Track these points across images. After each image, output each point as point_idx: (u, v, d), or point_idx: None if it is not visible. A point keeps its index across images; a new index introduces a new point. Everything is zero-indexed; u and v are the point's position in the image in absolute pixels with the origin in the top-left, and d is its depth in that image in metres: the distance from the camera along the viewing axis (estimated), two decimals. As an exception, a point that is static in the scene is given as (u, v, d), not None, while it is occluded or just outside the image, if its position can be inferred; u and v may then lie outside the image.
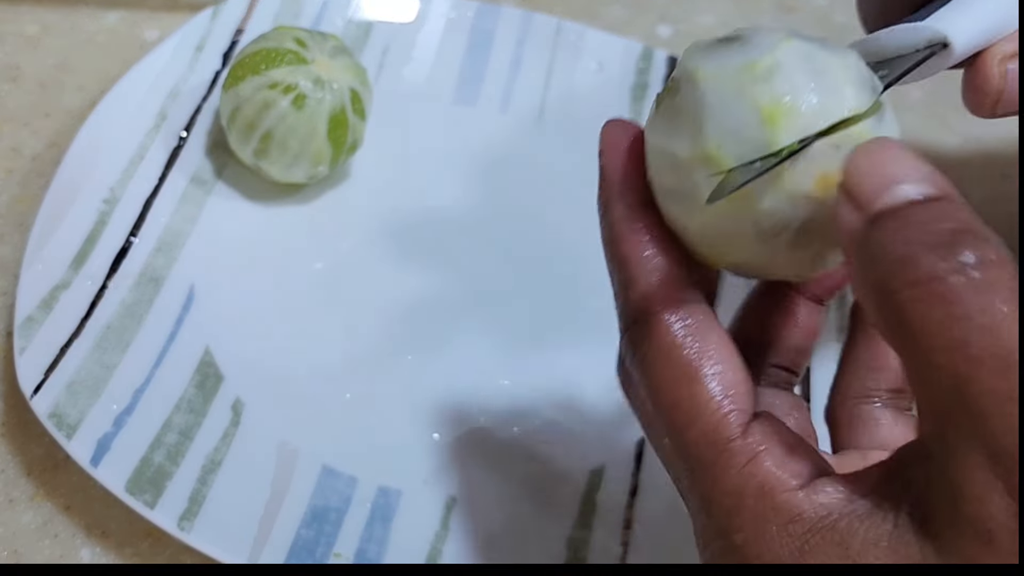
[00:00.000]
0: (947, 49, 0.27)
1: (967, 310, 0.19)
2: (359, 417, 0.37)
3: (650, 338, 0.23)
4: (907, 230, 0.20)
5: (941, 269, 0.19)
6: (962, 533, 0.19)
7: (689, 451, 0.23)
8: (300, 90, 0.40)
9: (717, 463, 0.22)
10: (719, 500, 0.22)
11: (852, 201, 0.21)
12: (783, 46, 0.23)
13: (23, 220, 0.42)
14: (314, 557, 0.34)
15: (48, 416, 0.34)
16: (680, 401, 0.23)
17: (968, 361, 0.18)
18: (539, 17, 0.49)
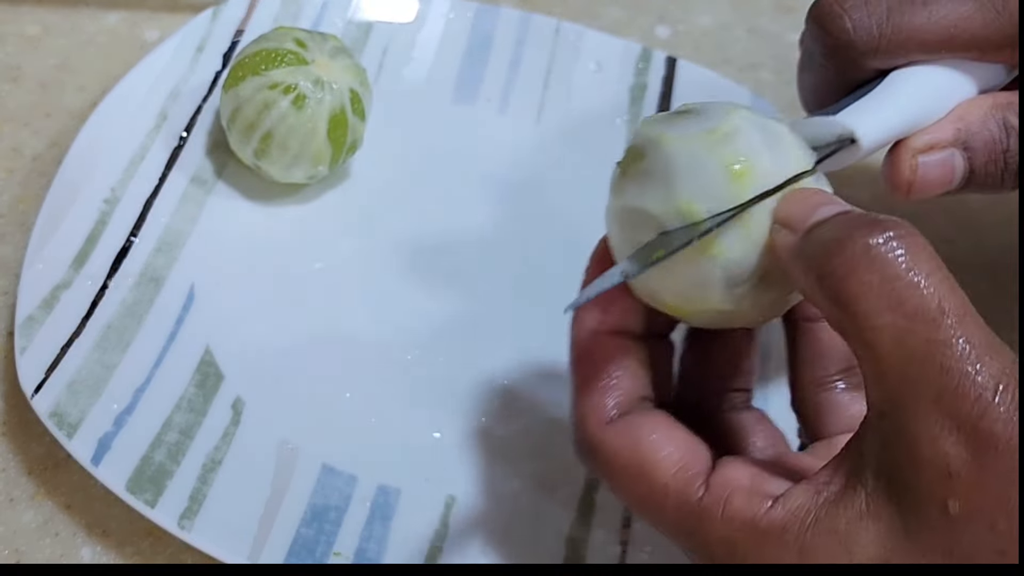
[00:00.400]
0: (855, 144, 0.30)
1: (898, 271, 0.22)
2: (359, 416, 0.37)
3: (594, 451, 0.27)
4: (836, 224, 0.24)
5: (871, 242, 0.22)
6: (925, 477, 0.21)
7: (672, 527, 0.25)
8: (300, 90, 0.40)
9: (700, 525, 0.25)
10: (716, 551, 0.24)
11: (786, 227, 0.25)
12: (737, 114, 0.26)
13: (24, 220, 0.43)
14: (314, 556, 0.34)
15: (49, 415, 0.34)
16: (643, 493, 0.26)
17: (906, 316, 0.22)
18: (538, 18, 0.49)
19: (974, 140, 0.32)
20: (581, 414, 0.28)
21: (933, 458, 0.21)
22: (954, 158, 0.32)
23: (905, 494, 0.22)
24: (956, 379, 0.21)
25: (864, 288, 0.22)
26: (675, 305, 0.27)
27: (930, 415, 0.21)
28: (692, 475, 0.25)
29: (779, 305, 0.28)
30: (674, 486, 0.25)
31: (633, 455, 0.26)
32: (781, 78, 0.52)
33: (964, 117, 0.32)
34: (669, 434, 0.26)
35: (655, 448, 0.26)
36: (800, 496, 0.24)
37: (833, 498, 0.23)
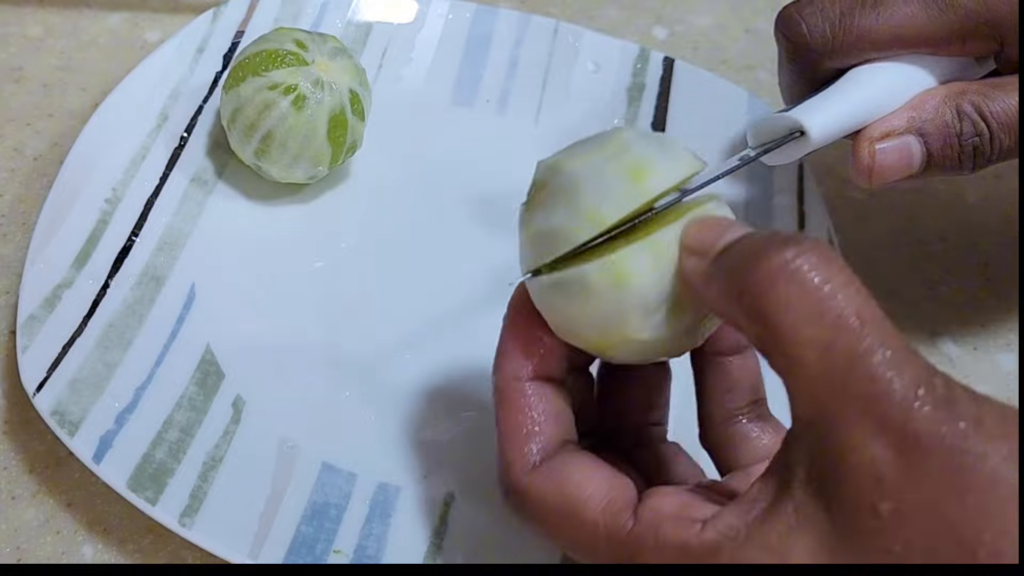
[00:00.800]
0: (805, 136, 0.34)
1: (815, 284, 0.22)
2: (358, 414, 0.38)
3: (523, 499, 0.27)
4: (745, 244, 0.24)
5: (786, 257, 0.23)
6: (855, 483, 0.21)
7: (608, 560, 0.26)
8: (300, 91, 0.40)
9: (634, 557, 0.25)
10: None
11: (695, 253, 0.25)
12: (626, 132, 0.28)
13: (26, 219, 0.43)
14: (314, 553, 0.34)
15: (50, 414, 0.34)
16: (574, 532, 0.26)
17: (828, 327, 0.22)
18: (536, 19, 0.49)
19: (928, 126, 0.34)
20: (506, 462, 0.28)
21: (861, 464, 0.21)
22: (910, 144, 0.34)
23: (835, 502, 0.22)
24: (881, 386, 0.21)
25: (784, 302, 0.22)
26: (595, 339, 0.28)
27: (857, 422, 0.21)
28: (620, 508, 0.26)
29: (695, 333, 0.28)
30: (603, 521, 0.26)
31: (559, 497, 0.26)
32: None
33: (919, 106, 0.34)
34: (593, 473, 0.27)
35: (580, 487, 0.26)
36: (729, 516, 0.24)
37: (762, 514, 0.23)
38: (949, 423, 0.21)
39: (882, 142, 0.34)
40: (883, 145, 0.34)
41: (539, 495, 0.27)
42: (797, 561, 0.22)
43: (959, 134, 0.34)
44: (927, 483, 0.21)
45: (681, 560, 0.24)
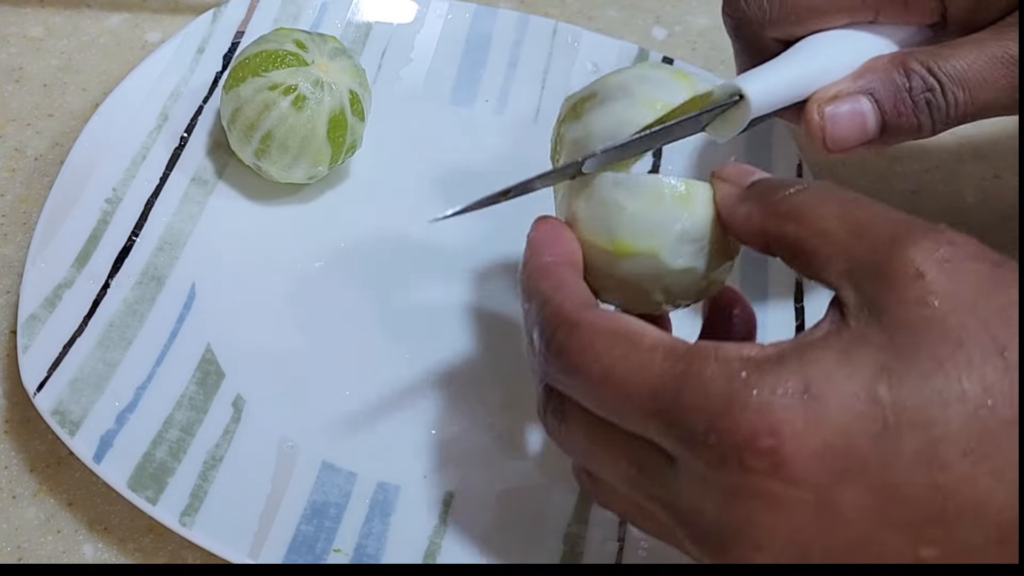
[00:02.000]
0: (744, 100, 0.33)
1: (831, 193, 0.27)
2: (358, 413, 0.38)
3: (575, 328, 0.27)
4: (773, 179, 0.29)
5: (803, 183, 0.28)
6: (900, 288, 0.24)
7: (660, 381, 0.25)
8: (300, 91, 0.40)
9: (692, 366, 0.24)
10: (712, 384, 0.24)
11: (728, 181, 0.30)
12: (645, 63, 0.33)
13: (27, 219, 0.43)
14: (314, 552, 0.34)
15: (51, 413, 0.34)
16: (627, 355, 0.25)
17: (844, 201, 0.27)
18: (535, 19, 0.49)
19: (876, 85, 0.34)
20: (557, 303, 0.27)
21: (903, 267, 0.24)
22: (861, 104, 0.34)
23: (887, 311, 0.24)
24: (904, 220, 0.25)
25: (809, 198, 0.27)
26: (624, 243, 0.30)
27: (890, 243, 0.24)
28: (674, 339, 0.26)
29: (705, 283, 0.31)
30: (660, 343, 0.25)
31: (615, 324, 0.26)
32: (778, 79, 0.53)
33: (867, 69, 0.35)
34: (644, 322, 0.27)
35: (637, 322, 0.26)
36: (789, 342, 0.25)
37: (824, 335, 0.24)
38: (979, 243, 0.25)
39: (831, 104, 0.34)
40: (833, 108, 0.34)
41: (592, 323, 0.26)
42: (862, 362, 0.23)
43: (909, 89, 0.34)
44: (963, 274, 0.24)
45: (743, 370, 0.24)
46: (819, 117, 0.34)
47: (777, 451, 0.23)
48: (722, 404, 0.23)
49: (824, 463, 0.23)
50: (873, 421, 0.23)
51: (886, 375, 0.23)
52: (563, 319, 0.27)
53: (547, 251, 0.30)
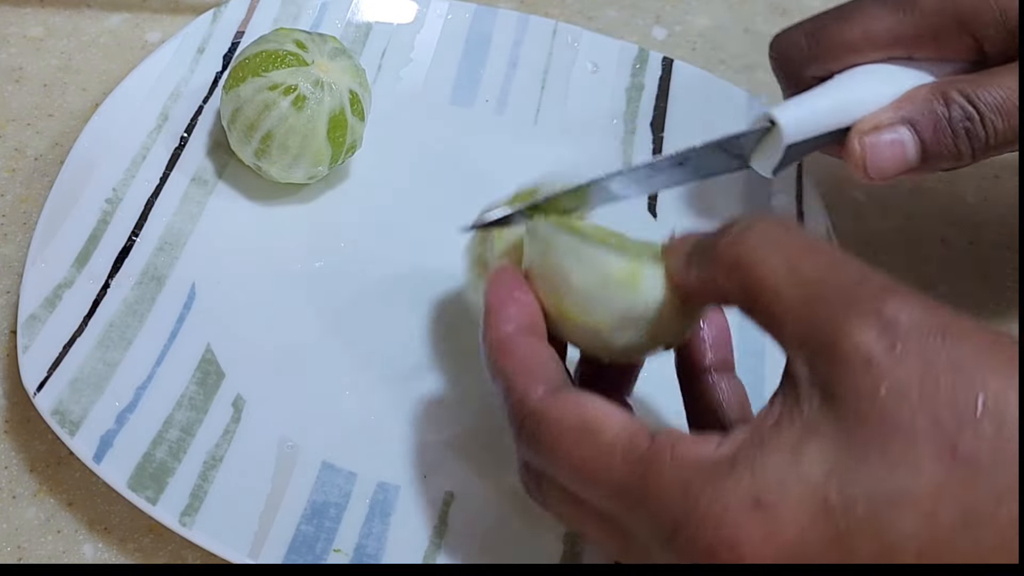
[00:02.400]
0: (776, 127, 0.35)
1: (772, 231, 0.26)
2: (358, 413, 0.38)
3: (541, 423, 0.27)
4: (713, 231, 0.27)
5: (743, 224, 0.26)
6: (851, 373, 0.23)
7: (623, 481, 0.25)
8: (300, 91, 0.40)
9: (649, 472, 0.25)
10: (670, 495, 0.24)
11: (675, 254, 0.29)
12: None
13: (27, 219, 0.43)
14: (314, 552, 0.34)
15: (51, 413, 0.34)
16: (592, 452, 0.26)
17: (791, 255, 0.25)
18: (535, 19, 0.49)
19: (917, 115, 0.35)
20: (521, 392, 0.28)
21: (852, 351, 0.23)
22: (901, 134, 0.35)
23: (838, 399, 0.23)
24: (851, 283, 0.24)
25: (752, 246, 0.26)
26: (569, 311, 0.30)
27: (839, 317, 0.23)
28: (637, 431, 0.26)
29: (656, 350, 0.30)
30: (621, 441, 0.26)
31: (577, 419, 0.26)
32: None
33: (907, 99, 0.35)
34: (607, 404, 0.27)
35: (598, 412, 0.27)
36: (742, 432, 0.24)
37: (775, 425, 0.24)
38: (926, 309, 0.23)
39: (871, 135, 0.35)
40: (874, 139, 0.35)
41: (557, 416, 0.27)
42: (809, 461, 0.23)
43: (948, 119, 0.35)
44: (912, 359, 0.22)
45: (698, 474, 0.24)
46: (860, 147, 0.35)
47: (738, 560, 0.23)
48: (680, 516, 0.24)
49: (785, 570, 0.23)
50: (825, 528, 0.22)
51: (836, 477, 0.23)
52: (528, 411, 0.28)
53: (505, 318, 0.30)
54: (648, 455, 0.25)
